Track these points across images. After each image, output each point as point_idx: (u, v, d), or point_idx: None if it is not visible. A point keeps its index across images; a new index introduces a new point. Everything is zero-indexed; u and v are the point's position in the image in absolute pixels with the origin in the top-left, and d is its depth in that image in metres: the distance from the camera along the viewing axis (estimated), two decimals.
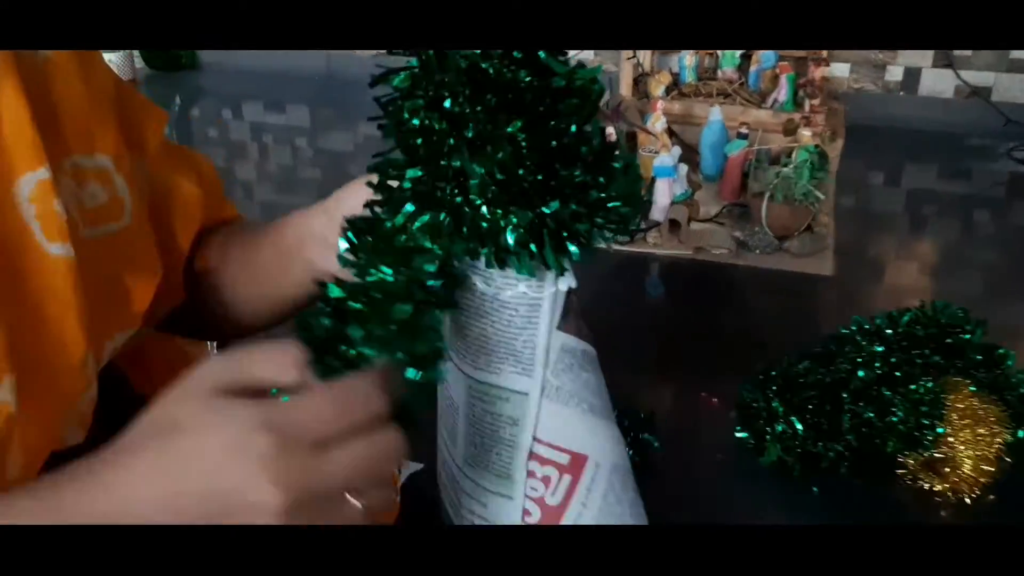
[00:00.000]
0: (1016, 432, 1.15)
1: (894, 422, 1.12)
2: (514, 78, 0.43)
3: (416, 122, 0.44)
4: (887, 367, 1.17)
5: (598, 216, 0.45)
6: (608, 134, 1.66)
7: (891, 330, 1.23)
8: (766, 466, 1.18)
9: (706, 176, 2.05)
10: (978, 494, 1.14)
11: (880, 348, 1.19)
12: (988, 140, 2.51)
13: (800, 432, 1.16)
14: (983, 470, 1.13)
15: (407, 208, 0.44)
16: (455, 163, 0.43)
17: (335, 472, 0.37)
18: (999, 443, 1.13)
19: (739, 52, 2.26)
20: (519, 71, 0.43)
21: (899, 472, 1.16)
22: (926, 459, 1.15)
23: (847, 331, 1.26)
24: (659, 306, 1.75)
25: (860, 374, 1.16)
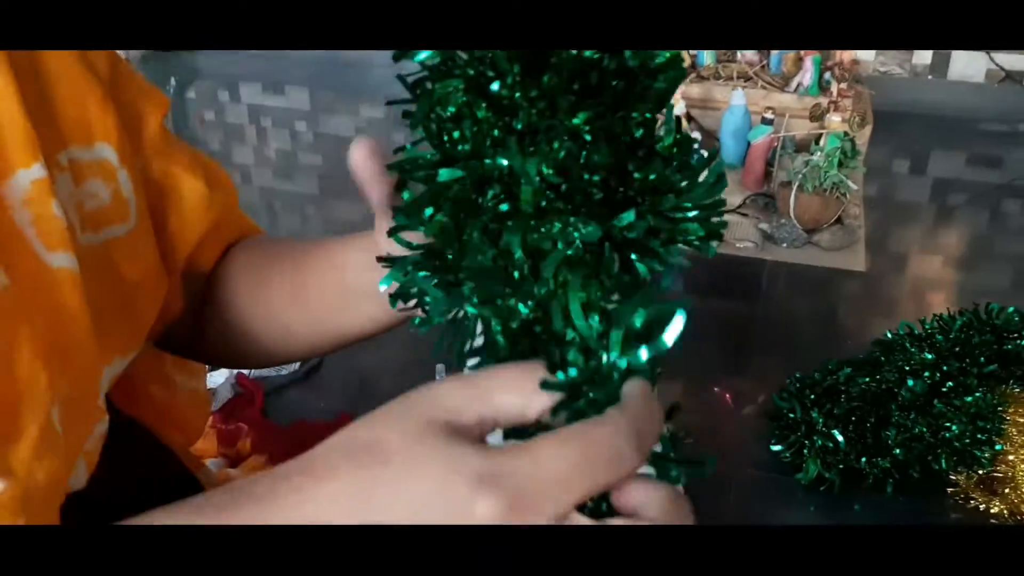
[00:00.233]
0: None
1: (948, 438, 1.03)
2: (579, 54, 0.33)
3: (452, 109, 0.34)
4: (939, 376, 1.08)
5: (678, 230, 0.35)
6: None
7: (942, 336, 1.13)
8: (804, 483, 1.10)
9: (727, 164, 1.95)
10: None
11: (931, 356, 1.10)
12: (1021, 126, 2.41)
13: (842, 446, 1.08)
14: None
15: (438, 219, 0.35)
16: (501, 161, 0.33)
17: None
18: None
19: None
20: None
21: (949, 491, 1.08)
22: (981, 477, 1.06)
23: (894, 336, 1.17)
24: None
25: (909, 383, 1.07)
